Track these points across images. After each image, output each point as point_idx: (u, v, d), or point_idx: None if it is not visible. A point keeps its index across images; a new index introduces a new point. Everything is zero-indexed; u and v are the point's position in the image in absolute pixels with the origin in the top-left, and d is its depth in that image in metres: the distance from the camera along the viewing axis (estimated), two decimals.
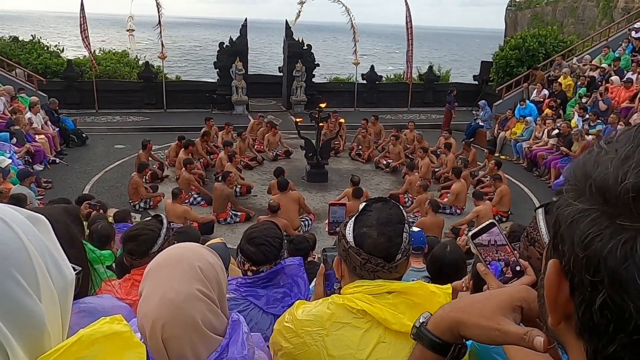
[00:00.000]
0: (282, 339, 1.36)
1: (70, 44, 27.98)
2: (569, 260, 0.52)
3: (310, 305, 1.40)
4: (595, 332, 0.50)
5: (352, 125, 13.83)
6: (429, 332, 0.90)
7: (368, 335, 1.30)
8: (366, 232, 1.35)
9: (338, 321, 1.32)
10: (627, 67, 13.59)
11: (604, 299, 0.48)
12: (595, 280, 0.49)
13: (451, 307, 0.90)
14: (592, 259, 0.49)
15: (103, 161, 11.98)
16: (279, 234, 2.27)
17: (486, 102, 15.18)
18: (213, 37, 65.90)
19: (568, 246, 0.53)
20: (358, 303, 1.31)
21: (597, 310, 0.49)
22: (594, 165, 0.52)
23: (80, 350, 0.62)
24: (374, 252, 1.33)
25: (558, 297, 0.55)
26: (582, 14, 24.86)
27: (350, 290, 1.36)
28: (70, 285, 0.69)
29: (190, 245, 1.21)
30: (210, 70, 21.78)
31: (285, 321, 1.39)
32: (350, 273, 1.39)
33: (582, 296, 0.51)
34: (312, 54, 17.47)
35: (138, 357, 0.68)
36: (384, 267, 1.33)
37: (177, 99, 16.97)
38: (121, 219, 5.97)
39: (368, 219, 1.37)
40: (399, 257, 1.35)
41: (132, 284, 2.36)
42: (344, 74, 24.68)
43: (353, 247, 1.35)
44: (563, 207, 0.54)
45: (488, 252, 1.13)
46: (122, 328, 0.68)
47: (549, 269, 0.56)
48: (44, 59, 17.30)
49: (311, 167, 10.96)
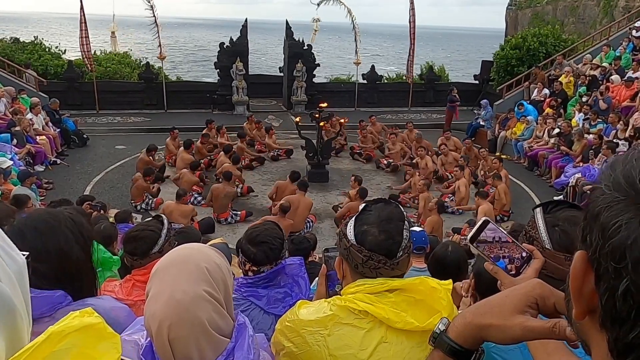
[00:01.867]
0: (284, 338, 1.36)
1: (71, 45, 28.00)
2: (595, 249, 0.54)
3: (312, 306, 1.41)
4: (617, 319, 0.52)
5: (353, 126, 13.84)
6: (450, 339, 0.92)
7: (370, 335, 1.30)
8: (367, 230, 1.35)
9: (340, 321, 1.32)
10: (628, 66, 13.57)
11: (627, 284, 0.50)
12: (619, 267, 0.50)
13: (472, 314, 0.91)
14: (617, 247, 0.51)
15: (104, 162, 12.00)
16: (280, 234, 2.27)
17: (488, 101, 15.16)
18: (213, 37, 65.95)
19: (595, 236, 0.55)
20: (359, 304, 1.31)
21: (620, 296, 0.51)
22: (627, 164, 0.55)
23: (52, 346, 0.62)
24: (376, 249, 1.33)
25: (583, 288, 0.57)
26: (583, 13, 24.84)
27: (352, 289, 1.36)
28: (23, 268, 0.72)
29: (197, 245, 1.20)
30: (211, 71, 21.80)
31: (287, 321, 1.39)
32: (352, 272, 1.39)
33: (607, 284, 0.53)
34: (312, 54, 17.48)
35: (113, 347, 0.69)
36: (385, 264, 1.34)
37: (177, 100, 16.98)
38: (122, 219, 5.98)
39: (369, 218, 1.37)
40: (401, 254, 1.35)
41: (132, 284, 2.36)
42: (344, 74, 24.68)
43: (354, 245, 1.35)
44: (595, 200, 0.56)
45: (492, 250, 1.12)
46: (94, 320, 0.69)
47: (576, 259, 0.58)
48: (44, 60, 17.33)
49: (312, 167, 10.97)
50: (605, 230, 0.53)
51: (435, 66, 22.14)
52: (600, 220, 0.54)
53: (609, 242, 0.52)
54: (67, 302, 1.37)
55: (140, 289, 2.26)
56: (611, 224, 0.52)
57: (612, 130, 10.93)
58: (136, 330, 1.18)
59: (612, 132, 10.93)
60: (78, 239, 1.44)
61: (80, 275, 1.45)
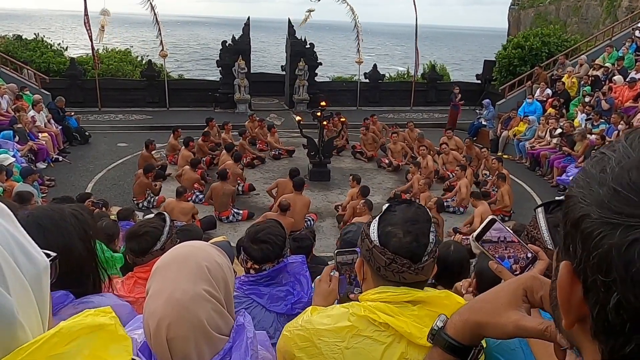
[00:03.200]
0: (294, 347, 1.28)
1: (73, 43, 28.04)
2: (581, 261, 0.52)
3: (328, 313, 1.32)
4: (611, 332, 0.49)
5: (355, 125, 13.84)
6: (448, 336, 0.92)
7: (390, 351, 1.22)
8: (391, 231, 1.28)
9: (359, 333, 1.24)
10: (631, 67, 13.55)
11: (618, 299, 0.47)
12: (607, 280, 0.48)
13: (468, 310, 0.91)
14: (603, 260, 0.48)
15: (106, 159, 12.01)
16: (282, 232, 2.27)
17: (490, 101, 15.15)
18: (216, 35, 65.98)
19: (577, 246, 0.52)
20: (381, 316, 1.23)
21: (612, 310, 0.48)
22: (602, 168, 0.52)
23: (60, 345, 0.59)
24: (400, 251, 1.26)
25: (572, 299, 0.54)
26: (586, 13, 24.79)
27: (373, 296, 1.28)
28: (44, 272, 0.67)
29: (198, 244, 1.20)
30: (213, 69, 21.80)
31: (298, 328, 1.30)
32: (374, 275, 1.31)
33: (596, 297, 0.50)
34: (314, 52, 17.45)
35: (125, 350, 0.66)
36: (409, 267, 1.26)
37: (179, 98, 16.98)
38: (125, 217, 5.99)
39: (393, 218, 1.30)
40: (426, 258, 1.27)
41: (135, 281, 2.36)
42: (347, 73, 24.67)
43: (377, 246, 1.28)
44: (572, 207, 0.54)
45: (497, 250, 1.12)
46: (107, 320, 0.66)
47: (561, 270, 0.55)
48: (47, 57, 17.34)
49: (313, 165, 10.97)
50: (588, 240, 0.50)
51: (437, 65, 22.11)
52: (582, 228, 0.51)
53: (594, 254, 0.49)
54: (70, 301, 1.37)
55: (142, 287, 2.26)
56: (595, 233, 0.49)
57: (615, 131, 10.91)
58: (135, 327, 1.19)
59: (614, 132, 10.91)
60: (82, 236, 1.44)
61: (83, 272, 1.45)
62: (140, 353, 1.08)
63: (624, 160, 0.51)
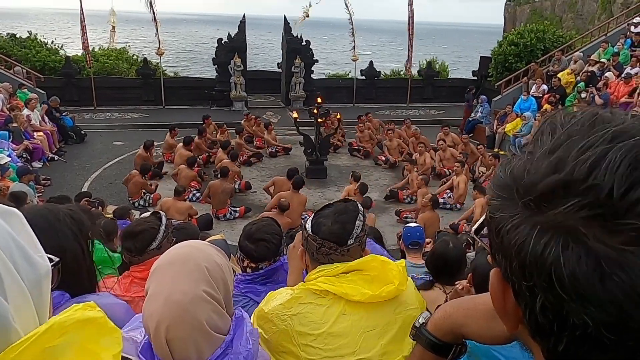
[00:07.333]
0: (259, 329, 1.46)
1: (68, 41, 27.90)
2: (505, 268, 0.52)
3: (278, 294, 1.52)
4: (543, 333, 0.50)
5: (351, 122, 13.82)
6: (429, 333, 0.90)
7: (330, 310, 1.44)
8: (322, 222, 1.51)
9: (302, 302, 1.46)
10: (626, 62, 13.56)
11: (542, 301, 0.48)
12: (530, 284, 0.49)
13: (453, 308, 0.89)
14: (523, 265, 0.49)
15: (102, 158, 11.97)
16: (278, 231, 2.27)
17: (486, 97, 15.16)
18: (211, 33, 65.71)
19: (499, 252, 0.53)
20: (320, 285, 1.45)
21: (539, 312, 0.49)
22: (516, 171, 0.52)
23: (52, 339, 0.60)
24: (328, 237, 1.48)
25: (506, 306, 0.55)
26: (581, 8, 24.81)
27: (314, 275, 1.50)
28: (45, 277, 0.66)
29: (197, 244, 1.19)
30: (209, 67, 21.72)
31: (257, 312, 1.52)
32: (311, 260, 1.54)
33: (525, 301, 0.51)
34: (310, 50, 17.42)
35: (115, 342, 0.67)
36: (336, 250, 1.48)
37: (175, 96, 16.92)
38: (120, 215, 5.97)
39: (326, 212, 1.54)
40: (351, 242, 1.48)
41: (131, 280, 2.35)
42: (343, 70, 24.61)
43: (310, 234, 1.51)
44: (492, 215, 0.53)
45: None
46: (96, 314, 0.66)
47: (492, 278, 0.56)
48: (42, 56, 17.24)
49: (310, 163, 10.95)
50: (505, 245, 0.50)
51: (439, 62, 22.05)
52: (502, 238, 0.51)
53: (516, 262, 0.49)
54: (66, 300, 1.36)
55: (139, 286, 2.25)
56: (513, 241, 0.49)
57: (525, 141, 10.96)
58: (134, 328, 1.18)
59: None
60: (77, 236, 1.43)
61: (79, 272, 1.44)
62: (142, 354, 1.07)
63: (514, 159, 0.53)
